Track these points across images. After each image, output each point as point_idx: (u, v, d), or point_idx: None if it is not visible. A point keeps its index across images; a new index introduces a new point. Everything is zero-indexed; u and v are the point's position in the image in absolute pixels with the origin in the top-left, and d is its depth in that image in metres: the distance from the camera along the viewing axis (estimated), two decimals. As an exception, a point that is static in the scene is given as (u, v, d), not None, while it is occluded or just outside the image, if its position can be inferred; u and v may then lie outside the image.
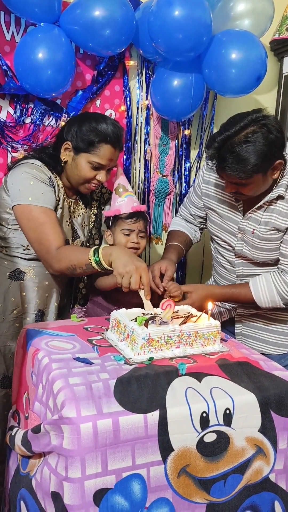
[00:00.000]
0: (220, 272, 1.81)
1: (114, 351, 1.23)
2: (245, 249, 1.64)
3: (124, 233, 1.71)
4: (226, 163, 1.41)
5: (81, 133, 1.60)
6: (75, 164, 1.63)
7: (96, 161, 1.60)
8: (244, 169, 1.39)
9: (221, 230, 1.71)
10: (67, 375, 1.07)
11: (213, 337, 1.28)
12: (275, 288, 1.56)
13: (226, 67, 1.89)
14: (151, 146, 2.28)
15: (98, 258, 1.43)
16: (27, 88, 1.87)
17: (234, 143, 1.39)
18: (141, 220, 1.72)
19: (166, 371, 1.10)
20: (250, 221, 1.61)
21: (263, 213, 1.58)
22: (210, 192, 1.71)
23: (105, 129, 1.60)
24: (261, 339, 1.74)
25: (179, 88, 2.02)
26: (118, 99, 2.17)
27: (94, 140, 1.59)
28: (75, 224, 1.75)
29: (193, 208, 1.84)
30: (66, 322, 1.46)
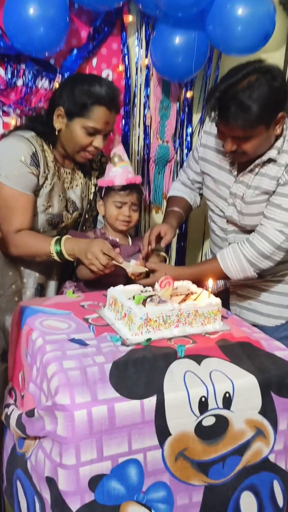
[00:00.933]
0: (215, 241, 1.78)
1: (111, 330, 1.19)
2: (235, 215, 1.60)
3: (116, 205, 1.64)
4: (229, 111, 1.35)
5: (73, 97, 1.51)
6: (69, 131, 1.53)
7: (91, 125, 1.51)
8: (248, 117, 1.33)
9: (214, 195, 1.67)
10: (61, 358, 1.03)
11: (213, 315, 1.24)
12: (242, 255, 1.51)
13: (231, 23, 1.76)
14: (151, 110, 2.17)
15: (60, 248, 1.48)
16: (18, 48, 1.75)
17: (237, 90, 1.34)
18: (135, 193, 1.65)
19: (164, 354, 1.06)
20: (241, 184, 1.56)
21: (254, 176, 1.53)
22: (207, 156, 1.67)
23: (98, 90, 1.50)
24: (255, 311, 1.72)
25: (181, 47, 1.89)
26: (116, 58, 2.03)
27: (87, 102, 1.49)
28: (72, 196, 1.68)
29: (191, 173, 1.79)
30: (62, 299, 1.42)
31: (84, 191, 1.72)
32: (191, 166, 1.79)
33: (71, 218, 1.68)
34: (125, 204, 1.64)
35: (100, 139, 1.54)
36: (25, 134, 1.53)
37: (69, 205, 1.67)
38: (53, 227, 1.63)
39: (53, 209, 1.60)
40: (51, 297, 1.44)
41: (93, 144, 1.54)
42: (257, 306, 1.71)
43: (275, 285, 1.68)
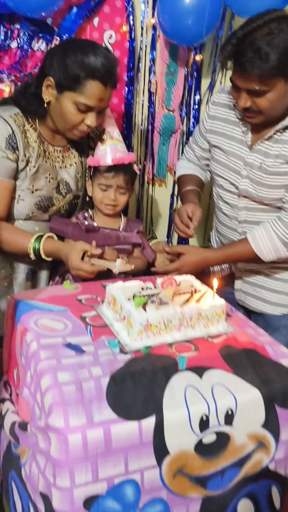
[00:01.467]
0: (222, 220, 1.67)
1: (109, 333, 1.13)
2: (250, 188, 1.50)
3: (101, 188, 1.54)
4: (245, 58, 1.24)
5: (64, 66, 1.34)
6: (59, 105, 1.38)
7: (82, 101, 1.36)
8: (266, 65, 1.23)
9: (225, 169, 1.56)
10: (56, 368, 0.97)
11: (217, 317, 1.18)
12: (275, 235, 1.45)
13: (249, -18, 1.57)
14: (156, 76, 2.00)
15: (38, 246, 1.41)
16: (11, 6, 1.59)
17: (255, 37, 1.24)
18: (122, 175, 1.52)
19: (164, 366, 1.00)
20: (259, 154, 1.45)
21: (273, 144, 1.42)
22: (216, 128, 1.57)
23: (93, 61, 1.33)
24: (261, 298, 1.65)
25: (191, 7, 1.72)
26: (119, 18, 1.86)
27: (80, 75, 1.33)
28: (66, 176, 1.56)
29: (197, 149, 1.70)
30: (58, 290, 1.35)
31: (79, 171, 1.60)
32: (197, 141, 1.69)
33: (64, 200, 1.57)
34: (110, 187, 1.54)
35: (93, 117, 1.39)
36: (4, 112, 1.38)
37: (62, 187, 1.55)
38: (43, 210, 1.52)
39: (41, 192, 1.48)
40: (47, 288, 1.37)
41: (85, 122, 1.40)
42: (263, 293, 1.64)
43: (283, 272, 1.61)
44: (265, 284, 1.63)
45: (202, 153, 1.69)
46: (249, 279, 1.66)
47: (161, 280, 1.24)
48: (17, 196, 1.46)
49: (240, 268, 1.65)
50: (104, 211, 1.59)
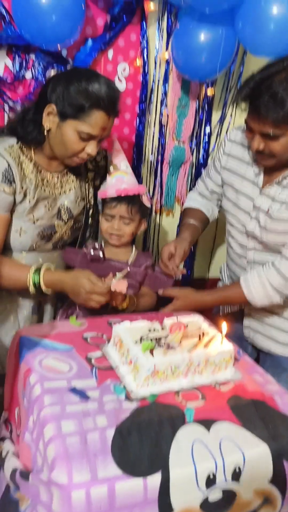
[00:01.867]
0: (232, 257, 1.66)
1: (114, 376, 1.11)
2: (257, 231, 1.49)
3: (105, 218, 1.56)
4: (261, 101, 1.25)
5: (68, 95, 1.32)
6: (60, 133, 1.36)
7: (86, 130, 1.34)
8: (281, 111, 1.24)
9: (235, 208, 1.56)
10: (59, 416, 0.95)
11: (225, 363, 1.15)
12: (267, 281, 1.43)
13: (264, 23, 1.58)
14: (168, 108, 2.01)
15: (38, 279, 1.36)
16: (27, 38, 1.59)
17: (273, 81, 1.25)
18: (124, 205, 1.53)
19: (171, 417, 0.98)
20: (267, 197, 1.45)
21: (282, 190, 1.42)
22: (230, 166, 1.58)
23: (97, 90, 1.32)
24: (270, 337, 1.62)
25: (205, 43, 1.72)
26: (134, 51, 1.87)
27: (85, 104, 1.31)
28: (66, 202, 1.52)
29: (210, 183, 1.69)
30: (64, 327, 1.33)
31: (79, 195, 1.56)
32: (211, 176, 1.68)
33: (66, 226, 1.54)
34: (114, 217, 1.55)
35: (94, 145, 1.38)
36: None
37: (63, 212, 1.52)
38: (47, 239, 1.51)
39: (42, 221, 1.46)
40: (52, 324, 1.35)
41: (86, 150, 1.38)
42: (272, 332, 1.61)
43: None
44: (275, 323, 1.60)
45: (215, 188, 1.68)
46: (258, 316, 1.63)
47: (169, 321, 1.22)
48: (19, 228, 1.44)
49: (251, 306, 1.60)
50: (109, 241, 1.59)
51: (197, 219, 1.67)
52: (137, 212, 1.58)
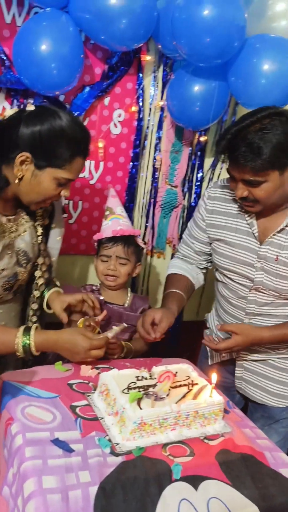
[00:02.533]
0: (227, 309, 1.59)
1: (100, 427, 1.07)
2: (267, 280, 1.44)
3: (102, 259, 1.58)
4: (239, 151, 1.27)
5: (48, 143, 1.23)
6: (37, 181, 1.27)
7: (65, 177, 1.28)
8: (259, 159, 1.25)
9: (234, 262, 1.50)
10: (41, 470, 0.90)
11: (214, 416, 1.12)
12: None
13: (255, 78, 1.65)
14: (161, 153, 2.05)
15: (29, 342, 1.22)
16: (26, 83, 1.64)
17: (248, 132, 1.27)
18: (121, 245, 1.56)
19: (158, 474, 0.93)
20: (272, 246, 1.42)
21: (287, 236, 1.40)
22: (217, 222, 1.53)
23: (76, 134, 1.26)
24: (264, 389, 1.57)
25: (199, 95, 1.78)
26: (130, 98, 1.92)
27: (66, 154, 1.25)
28: (22, 245, 1.39)
29: (196, 244, 1.62)
30: (49, 372, 1.28)
31: (34, 236, 1.43)
32: (196, 236, 1.61)
33: (26, 271, 1.41)
34: (110, 258, 1.57)
35: (69, 188, 1.34)
36: None
37: (21, 258, 1.39)
38: (10, 289, 1.39)
39: (6, 271, 1.34)
40: (37, 369, 1.31)
41: (62, 193, 1.33)
42: (266, 384, 1.55)
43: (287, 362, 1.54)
44: (269, 373, 1.55)
45: (202, 247, 1.61)
46: (251, 367, 1.57)
47: (157, 369, 1.20)
48: None
49: (243, 355, 1.57)
50: (105, 283, 1.59)
51: (181, 288, 1.59)
52: (133, 253, 1.60)
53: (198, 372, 1.32)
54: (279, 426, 1.56)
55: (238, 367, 1.60)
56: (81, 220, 1.99)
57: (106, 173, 1.98)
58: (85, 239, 2.02)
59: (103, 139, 1.92)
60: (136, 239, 1.62)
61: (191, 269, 1.65)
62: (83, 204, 1.98)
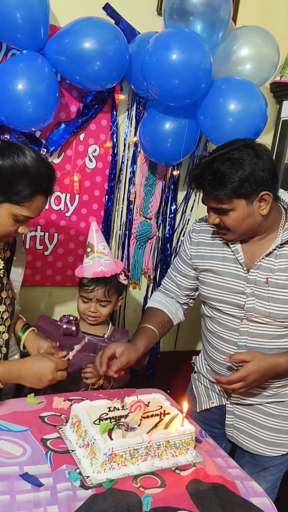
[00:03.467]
0: (217, 346, 1.51)
1: (70, 460, 1.06)
2: (259, 305, 1.40)
3: (82, 299, 1.60)
4: (204, 179, 1.31)
5: (8, 178, 1.21)
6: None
7: (24, 214, 1.25)
8: (222, 187, 1.28)
9: (224, 292, 1.46)
10: (8, 506, 0.89)
11: (186, 445, 1.12)
12: None
13: (222, 117, 1.74)
14: (136, 186, 2.12)
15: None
16: (2, 120, 1.69)
17: (215, 161, 1.30)
18: (101, 288, 1.56)
19: (128, 507, 0.93)
20: (261, 270, 1.40)
21: (276, 259, 1.39)
22: (203, 253, 1.52)
23: (40, 173, 1.23)
24: (256, 437, 1.48)
25: (170, 132, 1.86)
26: (104, 134, 2.00)
27: (27, 191, 1.22)
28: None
29: (180, 279, 1.60)
30: (20, 405, 1.27)
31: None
32: (181, 270, 1.59)
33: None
34: (91, 300, 1.58)
35: (27, 225, 1.30)
36: None
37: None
38: None
39: None
40: (8, 402, 1.29)
41: (19, 230, 1.29)
42: (258, 432, 1.48)
43: (281, 409, 1.47)
44: (261, 420, 1.47)
45: (186, 282, 1.59)
46: (242, 414, 1.50)
47: (130, 399, 1.20)
48: None
49: (234, 401, 1.50)
50: (86, 321, 1.60)
51: (156, 324, 1.55)
52: (114, 293, 1.61)
53: (171, 401, 1.33)
54: (268, 474, 1.49)
55: (229, 414, 1.53)
56: (57, 252, 2.02)
57: (82, 205, 2.02)
58: (61, 270, 2.04)
59: (78, 173, 1.97)
60: (118, 277, 1.63)
61: (170, 303, 1.62)
62: (59, 236, 2.01)
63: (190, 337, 2.40)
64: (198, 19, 1.74)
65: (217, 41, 1.80)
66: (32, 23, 1.58)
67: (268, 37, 1.84)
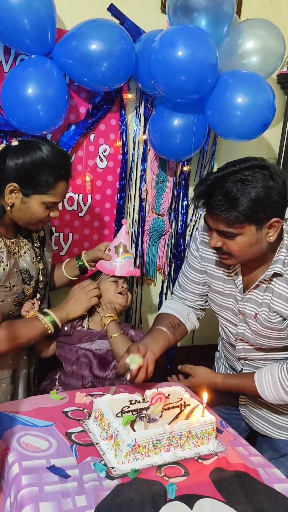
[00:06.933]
0: (226, 347, 1.60)
1: (95, 453, 1.09)
2: (248, 333, 1.43)
3: (110, 280, 1.65)
4: (215, 199, 1.20)
5: (30, 173, 1.38)
6: (26, 207, 1.43)
7: (52, 201, 1.44)
8: (234, 210, 1.18)
9: (223, 310, 1.48)
10: (38, 497, 0.92)
11: (207, 435, 1.14)
12: (281, 387, 1.34)
13: (231, 111, 1.75)
14: (147, 184, 2.14)
15: (52, 318, 1.51)
16: (14, 125, 1.72)
17: (228, 180, 1.20)
18: (127, 280, 1.69)
19: (153, 495, 0.95)
20: (250, 303, 1.38)
21: (262, 293, 1.35)
22: (209, 270, 1.49)
23: (56, 161, 1.41)
24: (268, 420, 1.51)
25: (179, 128, 1.87)
26: (114, 134, 2.02)
27: (49, 180, 1.41)
28: (24, 265, 1.55)
29: (193, 286, 1.57)
30: (44, 401, 1.31)
31: (33, 255, 1.60)
32: (192, 278, 1.55)
33: (30, 288, 1.57)
34: (120, 279, 1.66)
35: (57, 209, 1.50)
36: None
37: (24, 276, 1.55)
38: (20, 305, 1.54)
39: (16, 287, 1.49)
40: (32, 399, 1.33)
41: (51, 215, 1.48)
42: (269, 415, 1.50)
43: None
44: (272, 404, 1.46)
45: (200, 288, 1.56)
46: (254, 398, 1.52)
47: (150, 392, 1.22)
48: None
49: None
50: (117, 301, 1.64)
51: (164, 324, 1.52)
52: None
53: (191, 393, 1.35)
54: (285, 460, 1.50)
55: (242, 394, 1.57)
56: (72, 252, 2.05)
57: (95, 205, 2.05)
58: (76, 270, 2.07)
59: (90, 173, 2.00)
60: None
61: (181, 308, 1.59)
62: (73, 236, 2.04)
63: (208, 331, 2.41)
64: (202, 14, 1.75)
65: (222, 36, 1.81)
66: (39, 28, 1.61)
67: (273, 29, 1.84)
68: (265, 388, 1.38)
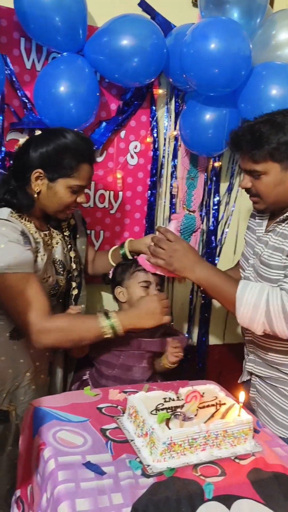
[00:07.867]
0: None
1: (130, 450, 1.08)
2: (252, 277, 1.47)
3: (142, 285, 1.60)
4: (243, 138, 1.33)
5: (53, 157, 1.42)
6: (53, 192, 1.45)
7: (77, 184, 1.45)
8: (260, 147, 1.29)
9: (243, 259, 1.57)
10: (74, 493, 0.92)
11: (244, 435, 1.12)
12: (265, 294, 1.29)
13: (265, 103, 1.69)
14: (178, 180, 2.11)
15: (112, 322, 1.39)
16: (47, 123, 1.73)
17: (257, 122, 1.33)
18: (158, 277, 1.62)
19: (190, 494, 0.94)
20: (260, 243, 1.47)
21: (274, 236, 1.41)
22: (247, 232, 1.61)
23: (79, 145, 1.45)
24: (270, 416, 1.49)
25: (211, 122, 1.84)
26: (144, 130, 2.00)
27: (72, 163, 1.43)
28: (57, 255, 1.57)
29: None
30: (78, 397, 1.31)
31: (65, 246, 1.62)
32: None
33: (64, 278, 1.59)
34: (151, 284, 1.60)
35: (84, 195, 1.50)
36: (2, 214, 1.37)
37: (57, 267, 1.57)
38: (54, 296, 1.55)
39: (51, 278, 1.51)
40: (66, 394, 1.34)
41: (78, 200, 1.49)
42: (272, 410, 1.48)
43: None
44: (277, 401, 1.47)
45: None
46: (263, 390, 1.52)
47: (184, 390, 1.21)
48: None
49: (257, 370, 1.53)
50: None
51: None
52: None
53: (226, 392, 1.33)
54: None
55: (252, 387, 1.58)
56: (104, 249, 2.05)
57: (126, 202, 2.05)
58: (108, 267, 2.07)
59: (121, 170, 1.99)
60: None
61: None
62: (105, 233, 2.04)
63: (239, 329, 2.38)
64: (235, 6, 1.72)
65: (255, 27, 1.77)
66: (71, 25, 1.61)
67: (308, 19, 1.78)
68: (246, 289, 1.32)
